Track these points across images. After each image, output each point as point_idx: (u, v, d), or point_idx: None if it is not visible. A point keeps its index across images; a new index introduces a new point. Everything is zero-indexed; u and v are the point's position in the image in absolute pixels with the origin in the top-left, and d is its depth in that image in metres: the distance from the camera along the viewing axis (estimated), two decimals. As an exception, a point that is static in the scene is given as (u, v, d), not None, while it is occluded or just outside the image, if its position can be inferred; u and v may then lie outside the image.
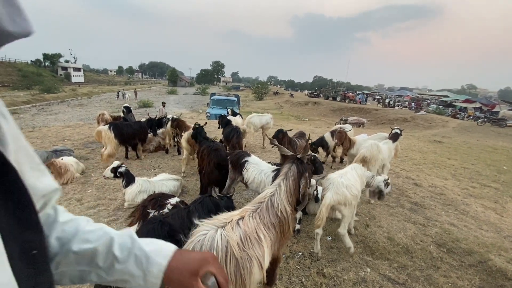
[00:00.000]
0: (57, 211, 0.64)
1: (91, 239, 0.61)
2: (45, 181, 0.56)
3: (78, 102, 26.07)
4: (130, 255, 0.60)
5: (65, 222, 0.63)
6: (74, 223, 0.64)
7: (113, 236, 0.62)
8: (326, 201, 2.71)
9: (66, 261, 0.59)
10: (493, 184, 5.50)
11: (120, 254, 0.60)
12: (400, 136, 4.76)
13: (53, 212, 0.63)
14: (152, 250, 0.62)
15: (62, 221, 0.63)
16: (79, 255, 0.59)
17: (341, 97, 34.64)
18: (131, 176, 3.61)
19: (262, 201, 1.69)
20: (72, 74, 53.17)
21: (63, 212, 0.66)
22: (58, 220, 0.62)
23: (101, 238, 0.61)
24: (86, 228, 0.63)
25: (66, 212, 0.67)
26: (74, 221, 0.64)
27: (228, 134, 5.36)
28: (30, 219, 0.42)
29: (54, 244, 0.59)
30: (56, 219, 0.62)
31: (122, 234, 0.64)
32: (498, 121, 19.55)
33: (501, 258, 2.97)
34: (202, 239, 1.35)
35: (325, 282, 2.44)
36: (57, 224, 0.62)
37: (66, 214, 0.65)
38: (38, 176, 0.54)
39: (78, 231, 0.62)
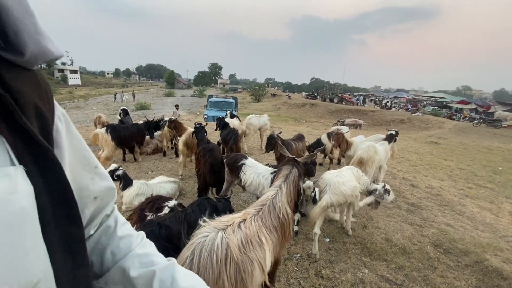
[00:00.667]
0: (117, 223, 0.65)
1: (137, 265, 0.60)
2: (100, 183, 0.59)
3: (75, 105, 25.94)
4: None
5: (122, 237, 0.63)
6: (129, 240, 0.64)
7: (155, 270, 0.60)
8: (322, 203, 2.73)
9: (114, 280, 0.60)
10: (488, 185, 5.56)
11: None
12: (395, 137, 4.79)
13: (113, 223, 0.64)
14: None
15: (119, 235, 0.63)
16: (124, 278, 0.59)
17: (338, 99, 34.82)
18: (129, 179, 3.59)
19: (264, 203, 1.70)
20: (68, 76, 52.87)
21: (122, 224, 0.66)
22: (116, 233, 0.63)
23: (145, 267, 0.61)
24: (137, 250, 0.63)
25: (126, 225, 0.68)
26: (129, 238, 0.64)
27: (226, 136, 5.36)
28: (72, 213, 0.44)
29: (108, 258, 0.60)
30: (115, 232, 0.63)
31: (165, 269, 0.62)
32: (493, 122, 19.76)
33: (497, 258, 3.00)
34: (202, 241, 1.35)
35: (323, 284, 2.45)
36: (115, 238, 0.62)
37: (124, 228, 0.66)
38: (92, 177, 0.57)
39: (130, 251, 0.62)
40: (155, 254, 0.65)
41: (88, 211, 0.57)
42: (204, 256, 1.29)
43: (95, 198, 0.57)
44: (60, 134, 0.48)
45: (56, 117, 0.47)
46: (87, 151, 0.57)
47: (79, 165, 0.54)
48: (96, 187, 0.58)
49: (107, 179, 0.62)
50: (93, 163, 0.58)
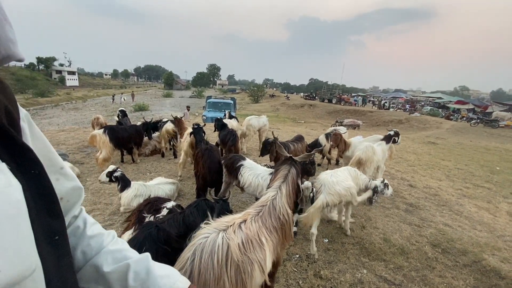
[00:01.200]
0: (86, 224, 0.66)
1: (110, 261, 0.62)
2: (65, 184, 0.60)
3: (72, 106, 25.85)
4: (142, 286, 0.61)
5: (91, 236, 0.64)
6: (99, 238, 0.65)
7: (129, 264, 0.62)
8: (318, 203, 2.75)
9: (87, 278, 0.61)
10: (486, 185, 5.58)
11: (133, 283, 0.61)
12: (394, 138, 4.80)
13: (82, 224, 0.65)
14: (165, 285, 0.63)
15: (89, 235, 0.64)
16: (98, 275, 0.61)
17: (337, 99, 34.91)
18: (127, 180, 3.58)
19: (264, 204, 1.69)
20: (66, 77, 52.68)
21: (92, 225, 0.67)
22: (86, 233, 0.64)
23: (119, 261, 0.63)
24: (109, 247, 0.65)
25: (95, 225, 0.69)
26: (99, 236, 0.66)
27: (224, 137, 5.36)
28: (54, 208, 0.47)
29: (79, 257, 0.61)
30: (84, 232, 0.64)
31: (139, 262, 0.64)
32: (490, 122, 19.88)
33: (495, 258, 3.01)
34: (203, 242, 1.35)
35: (322, 284, 2.45)
36: (85, 238, 0.63)
37: (94, 228, 0.67)
38: (57, 178, 0.58)
39: (102, 249, 0.64)
40: (128, 249, 0.67)
41: None
42: (205, 257, 1.29)
43: (61, 199, 0.56)
44: (24, 135, 0.49)
45: (21, 118, 0.48)
46: (51, 152, 0.58)
47: (46, 167, 0.54)
48: (62, 187, 0.58)
49: (73, 179, 0.62)
50: (58, 164, 0.59)
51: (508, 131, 17.75)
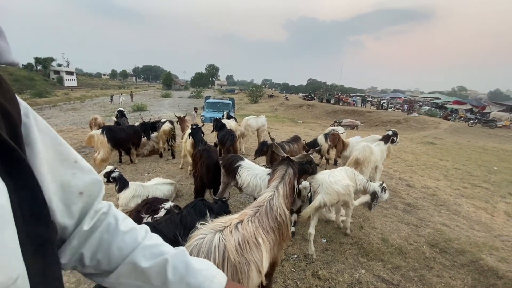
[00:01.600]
0: (118, 220, 0.64)
1: (148, 257, 0.61)
2: (83, 178, 0.58)
3: (71, 106, 25.76)
4: (182, 280, 0.61)
5: (125, 232, 0.63)
6: (133, 234, 0.63)
7: (167, 258, 0.62)
8: (315, 203, 2.75)
9: (125, 274, 0.60)
10: (484, 185, 5.60)
11: (172, 277, 0.61)
12: (392, 138, 4.81)
13: (113, 220, 0.63)
14: (206, 279, 0.63)
15: (123, 230, 0.63)
16: (136, 271, 0.60)
17: (335, 99, 34.98)
18: (125, 181, 3.57)
19: (261, 204, 1.69)
20: (64, 78, 52.58)
21: (123, 220, 0.65)
22: (119, 229, 0.62)
23: (156, 257, 0.62)
24: (145, 242, 0.63)
25: (127, 219, 0.67)
26: (133, 231, 0.64)
27: (223, 138, 5.36)
28: (41, 213, 0.44)
29: (116, 254, 0.60)
30: (117, 228, 0.62)
31: (176, 256, 0.63)
32: (488, 122, 19.98)
33: (493, 257, 3.02)
34: (199, 243, 1.35)
35: (320, 284, 2.45)
36: (119, 234, 0.62)
37: (126, 222, 0.65)
38: (74, 173, 0.56)
39: (137, 244, 0.62)
40: (164, 244, 0.66)
41: (76, 207, 0.56)
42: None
43: (80, 194, 0.56)
44: (30, 131, 0.47)
45: (23, 114, 0.46)
46: (62, 146, 0.56)
47: (57, 162, 0.53)
48: (79, 182, 0.56)
49: (91, 172, 0.60)
50: (72, 158, 0.57)
51: (506, 131, 17.84)
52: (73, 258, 0.57)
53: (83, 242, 0.57)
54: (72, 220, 0.56)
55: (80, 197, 0.56)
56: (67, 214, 0.54)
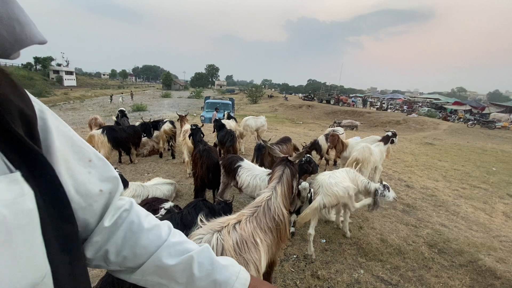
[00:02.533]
0: (140, 217, 0.63)
1: (173, 254, 0.61)
2: (99, 175, 0.58)
3: (70, 106, 25.74)
4: (209, 276, 0.62)
5: (149, 229, 0.62)
6: (157, 231, 0.63)
7: (193, 255, 0.62)
8: (314, 204, 2.76)
9: (150, 271, 0.60)
10: (482, 185, 5.62)
11: (199, 274, 0.61)
12: (392, 138, 4.82)
13: (136, 218, 0.62)
14: (232, 274, 0.65)
15: (147, 227, 0.62)
16: (161, 268, 0.60)
17: (335, 100, 35.04)
18: (124, 181, 3.57)
19: (259, 205, 1.70)
20: (64, 77, 52.45)
21: (145, 217, 0.65)
22: (143, 227, 0.62)
23: (182, 254, 0.62)
24: (170, 239, 0.63)
25: (149, 216, 0.66)
26: (157, 228, 0.63)
27: (223, 138, 5.37)
28: (65, 213, 0.46)
29: (141, 252, 0.60)
30: (141, 226, 0.62)
31: (202, 252, 0.64)
32: (487, 123, 20.02)
33: (491, 258, 3.03)
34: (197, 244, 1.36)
35: (319, 284, 2.46)
36: (143, 232, 0.61)
37: (149, 219, 0.65)
38: (89, 172, 0.56)
39: (162, 241, 0.62)
40: (188, 241, 0.66)
41: (97, 205, 0.56)
42: (199, 258, 1.29)
43: (100, 191, 0.57)
44: (47, 132, 0.47)
45: (38, 115, 0.46)
46: (78, 144, 0.55)
47: (73, 161, 0.53)
48: (96, 180, 0.56)
49: (106, 169, 0.60)
50: (87, 157, 0.56)
51: (505, 132, 17.88)
52: (98, 254, 0.58)
53: (107, 238, 0.58)
54: (93, 217, 0.56)
55: (101, 195, 0.57)
56: (88, 212, 0.55)
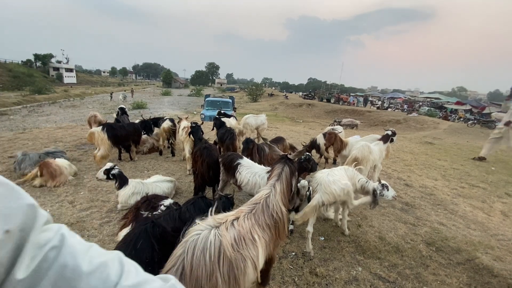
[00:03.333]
0: (76, 256, 0.46)
1: None
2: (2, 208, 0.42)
3: (70, 103, 25.70)
4: None
5: (91, 272, 0.46)
6: (103, 272, 0.47)
7: None
8: (313, 202, 2.77)
9: None
10: (481, 184, 5.64)
11: None
12: (391, 137, 4.83)
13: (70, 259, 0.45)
14: None
15: (87, 270, 0.46)
16: None
17: (335, 99, 35.02)
18: (124, 178, 3.59)
19: (257, 202, 1.71)
20: (64, 75, 52.40)
21: (86, 252, 0.48)
22: (81, 270, 0.45)
23: None
24: (122, 283, 0.48)
25: (92, 249, 0.50)
26: (102, 268, 0.48)
27: (222, 136, 5.37)
28: None
29: None
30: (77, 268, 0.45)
31: None
32: (487, 122, 20.00)
33: (488, 256, 3.05)
34: (195, 239, 1.37)
35: (318, 281, 2.48)
36: (82, 277, 0.45)
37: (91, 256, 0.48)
38: None
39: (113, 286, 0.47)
40: (147, 280, 0.51)
41: (2, 253, 0.40)
42: (197, 254, 1.30)
43: (6, 232, 0.40)
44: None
45: None
46: None
47: None
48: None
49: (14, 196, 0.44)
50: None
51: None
52: None
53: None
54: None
55: (6, 238, 0.40)
56: None
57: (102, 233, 2.99)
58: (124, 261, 0.52)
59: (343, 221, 3.28)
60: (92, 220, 3.24)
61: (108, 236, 2.93)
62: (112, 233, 2.97)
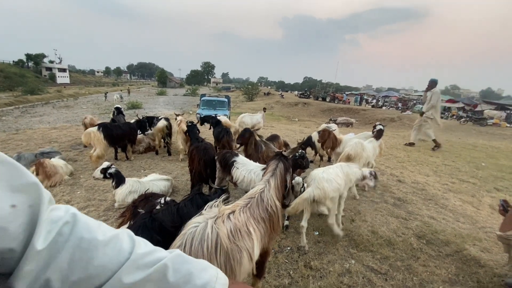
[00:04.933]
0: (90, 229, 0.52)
1: (142, 267, 0.53)
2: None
3: (64, 104, 25.43)
4: (187, 282, 0.55)
5: (106, 242, 0.52)
6: (116, 243, 0.53)
7: (166, 263, 0.55)
8: (304, 195, 2.84)
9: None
10: (471, 180, 5.78)
11: (175, 281, 0.54)
12: (383, 132, 4.91)
13: (85, 232, 0.51)
14: (212, 276, 0.58)
15: (102, 240, 0.51)
16: (129, 286, 0.50)
17: (330, 97, 35.26)
18: (121, 177, 3.62)
19: (252, 196, 1.78)
20: (57, 75, 51.77)
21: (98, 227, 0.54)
22: (97, 240, 0.51)
23: (153, 264, 0.54)
24: (136, 251, 0.54)
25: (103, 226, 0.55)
26: (115, 240, 0.53)
27: (218, 134, 5.43)
28: None
29: (98, 272, 0.49)
30: (94, 239, 0.50)
31: (176, 258, 0.57)
32: (479, 120, 20.40)
33: (476, 248, 3.17)
34: (193, 231, 1.43)
35: (312, 274, 2.56)
36: (97, 247, 0.50)
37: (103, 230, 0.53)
38: None
39: (125, 256, 0.52)
40: (157, 249, 0.59)
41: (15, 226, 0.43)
42: (195, 245, 1.36)
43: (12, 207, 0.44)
44: None
45: None
46: None
47: None
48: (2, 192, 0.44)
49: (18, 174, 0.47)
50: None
51: (496, 128, 18.23)
52: (36, 286, 0.44)
53: (45, 265, 0.45)
54: (14, 242, 0.43)
55: (14, 212, 0.44)
56: (4, 238, 0.42)
57: (100, 231, 3.02)
58: (133, 235, 0.58)
59: (338, 216, 3.36)
60: (89, 218, 3.27)
61: (106, 234, 2.96)
62: (110, 231, 3.01)
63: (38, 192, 0.49)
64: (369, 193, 4.53)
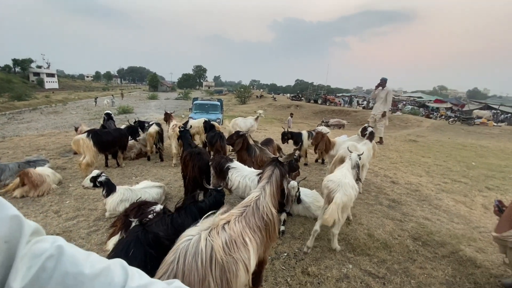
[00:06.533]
0: (77, 263, 0.47)
1: None
2: None
3: (52, 109, 24.82)
4: None
5: (95, 275, 0.46)
6: (107, 276, 0.48)
7: None
8: (337, 201, 2.65)
9: None
10: (463, 179, 5.87)
11: None
12: (372, 132, 4.91)
13: (71, 266, 0.46)
14: None
15: (89, 273, 0.46)
16: None
17: (322, 100, 35.56)
18: (112, 185, 3.51)
19: (247, 204, 1.73)
20: (45, 80, 50.68)
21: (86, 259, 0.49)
22: (84, 275, 0.46)
23: None
24: (130, 285, 0.49)
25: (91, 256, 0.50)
26: (105, 272, 0.49)
27: (212, 139, 5.36)
28: None
29: None
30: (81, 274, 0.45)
31: None
32: (467, 119, 20.88)
33: (471, 248, 3.19)
34: (186, 245, 1.37)
35: (310, 281, 2.51)
36: (85, 281, 0.45)
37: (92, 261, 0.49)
38: None
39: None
40: (153, 282, 0.53)
41: None
42: (188, 259, 1.30)
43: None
44: None
45: None
46: None
47: None
48: None
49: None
50: None
51: (483, 128, 18.69)
52: None
53: None
54: None
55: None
56: None
57: (90, 242, 2.91)
58: (126, 266, 0.53)
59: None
60: (79, 229, 3.15)
61: (96, 245, 2.86)
62: (101, 242, 2.90)
63: (18, 225, 0.45)
64: (364, 195, 4.53)
